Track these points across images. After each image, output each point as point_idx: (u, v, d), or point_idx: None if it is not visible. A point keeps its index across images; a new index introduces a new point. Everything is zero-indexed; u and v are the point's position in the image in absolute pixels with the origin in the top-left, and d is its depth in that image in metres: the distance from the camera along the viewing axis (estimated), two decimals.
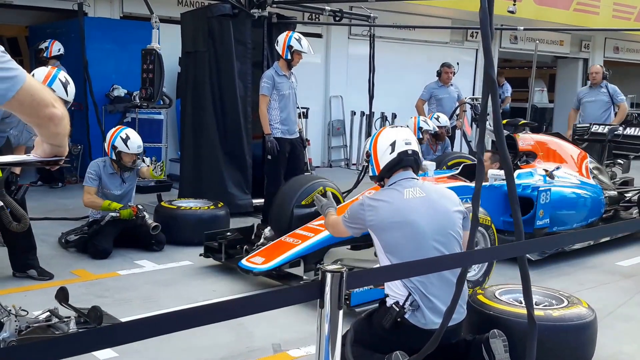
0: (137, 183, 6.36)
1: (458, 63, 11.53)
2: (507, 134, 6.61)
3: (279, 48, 6.87)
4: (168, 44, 7.65)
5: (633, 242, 6.67)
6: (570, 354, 3.48)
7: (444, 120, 8.19)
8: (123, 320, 3.76)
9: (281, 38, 6.88)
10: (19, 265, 5.02)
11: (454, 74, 9.68)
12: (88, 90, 8.27)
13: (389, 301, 3.29)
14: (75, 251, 5.80)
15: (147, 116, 9.21)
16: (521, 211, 5.74)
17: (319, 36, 11.86)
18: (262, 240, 5.36)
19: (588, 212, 6.38)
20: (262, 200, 7.11)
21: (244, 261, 4.91)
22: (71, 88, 4.71)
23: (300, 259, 4.85)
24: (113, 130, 5.96)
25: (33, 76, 3.17)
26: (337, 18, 8.47)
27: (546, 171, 6.19)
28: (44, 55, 8.33)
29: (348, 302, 4.14)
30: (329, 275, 1.87)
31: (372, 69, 8.70)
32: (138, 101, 8.42)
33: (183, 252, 5.78)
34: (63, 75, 4.71)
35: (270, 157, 6.91)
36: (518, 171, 6.04)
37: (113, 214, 5.74)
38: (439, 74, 9.53)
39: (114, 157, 5.85)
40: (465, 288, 3.30)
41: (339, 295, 1.88)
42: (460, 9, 11.81)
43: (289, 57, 6.81)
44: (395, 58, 12.25)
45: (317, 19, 11.19)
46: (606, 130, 8.07)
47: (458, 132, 9.91)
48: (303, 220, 5.27)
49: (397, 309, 3.20)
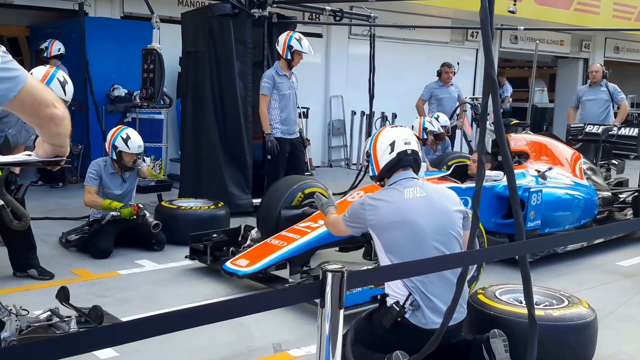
0: (138, 183, 6.36)
1: (458, 63, 11.53)
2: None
3: (280, 48, 6.89)
4: (168, 44, 7.64)
5: (633, 242, 6.67)
6: (570, 354, 3.48)
7: (444, 120, 8.20)
8: (124, 319, 3.77)
9: (282, 38, 6.89)
10: (20, 264, 5.03)
11: (454, 74, 9.68)
12: (89, 90, 8.26)
13: (389, 301, 3.29)
14: (75, 251, 5.81)
15: (148, 116, 9.21)
16: (510, 213, 5.68)
17: (319, 36, 11.86)
18: (249, 241, 5.26)
19: (581, 214, 6.26)
20: None
21: (228, 264, 4.81)
22: (69, 87, 4.68)
23: (286, 261, 4.76)
24: (114, 130, 5.97)
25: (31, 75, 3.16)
26: (338, 18, 8.47)
27: (538, 172, 6.08)
28: (45, 55, 8.34)
29: None
30: (330, 274, 1.88)
31: (373, 69, 8.70)
32: (138, 101, 8.43)
33: (183, 252, 5.76)
34: (61, 74, 4.69)
35: (270, 157, 6.92)
36: None
37: (114, 213, 5.75)
38: (439, 74, 9.53)
39: (115, 157, 5.85)
40: (465, 288, 3.30)
41: (340, 294, 1.88)
42: (460, 9, 11.81)
43: (289, 57, 6.82)
44: (395, 58, 12.24)
45: (318, 19, 11.19)
46: (600, 130, 8.00)
47: (458, 132, 9.92)
48: (291, 221, 5.19)
49: (398, 309, 3.21)
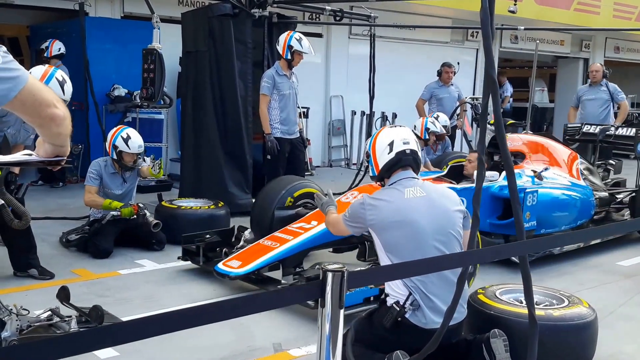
0: (138, 182, 6.36)
1: (458, 63, 11.53)
2: (494, 134, 6.50)
3: (280, 48, 6.89)
4: (169, 44, 7.64)
5: (633, 242, 6.66)
6: (570, 354, 3.48)
7: (444, 119, 8.20)
8: (124, 319, 3.77)
9: (282, 38, 6.89)
10: (20, 264, 5.03)
11: (455, 74, 9.68)
12: (89, 89, 8.27)
13: (390, 301, 3.29)
14: (76, 250, 5.81)
15: (148, 116, 9.21)
16: (507, 214, 5.66)
17: (320, 36, 11.86)
18: (242, 242, 5.23)
19: (577, 214, 6.21)
20: None
21: (220, 265, 4.76)
22: (68, 87, 4.66)
23: (279, 263, 4.72)
24: (114, 130, 5.97)
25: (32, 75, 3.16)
26: (338, 18, 8.47)
27: (534, 172, 6.01)
28: (45, 55, 8.34)
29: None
30: (330, 274, 1.87)
31: (373, 69, 8.70)
32: (139, 101, 8.43)
33: None
34: (60, 74, 4.66)
35: (269, 157, 6.91)
36: (505, 172, 5.80)
37: (114, 213, 5.75)
38: (440, 74, 9.53)
39: (115, 157, 5.86)
40: (465, 287, 3.30)
41: (340, 294, 1.88)
42: (460, 9, 11.81)
43: (289, 57, 6.82)
44: (395, 58, 12.24)
45: (318, 19, 11.19)
46: (597, 130, 7.96)
47: (458, 132, 9.91)
48: (284, 222, 5.14)
49: (398, 309, 3.21)
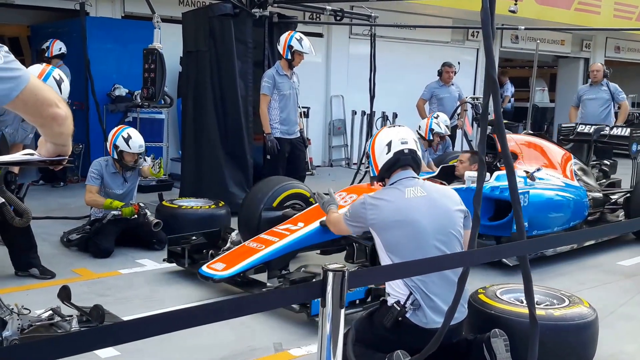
0: (139, 182, 6.37)
1: (459, 62, 11.53)
2: (487, 134, 6.43)
3: (280, 48, 6.89)
4: (169, 44, 7.65)
5: (634, 242, 6.66)
6: (571, 354, 3.48)
7: (444, 119, 8.19)
8: (125, 319, 3.78)
9: (283, 38, 6.90)
10: (21, 264, 5.03)
11: (455, 74, 9.68)
12: (90, 89, 8.27)
13: (390, 300, 3.29)
14: (76, 250, 5.81)
15: (149, 115, 9.21)
16: (498, 215, 5.63)
17: (320, 36, 11.86)
18: (229, 244, 5.12)
19: (570, 215, 6.13)
20: None
21: (204, 267, 4.64)
22: (65, 86, 4.62)
23: (264, 265, 4.62)
24: (115, 129, 5.98)
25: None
26: (338, 17, 8.46)
27: (526, 172, 5.92)
28: (46, 54, 8.35)
29: (309, 312, 4.00)
30: (331, 274, 1.88)
31: (373, 69, 8.70)
32: (139, 100, 8.45)
33: None
34: (57, 72, 4.64)
35: (269, 157, 6.91)
36: (496, 173, 5.70)
37: (115, 213, 5.76)
38: (440, 74, 9.53)
39: (116, 157, 5.86)
40: (466, 287, 3.30)
41: (341, 294, 1.88)
42: (461, 9, 11.80)
43: (290, 57, 6.82)
44: (396, 57, 12.23)
45: (318, 19, 11.18)
46: (592, 130, 7.93)
47: (459, 132, 9.91)
48: (272, 223, 5.04)
49: (399, 308, 3.21)
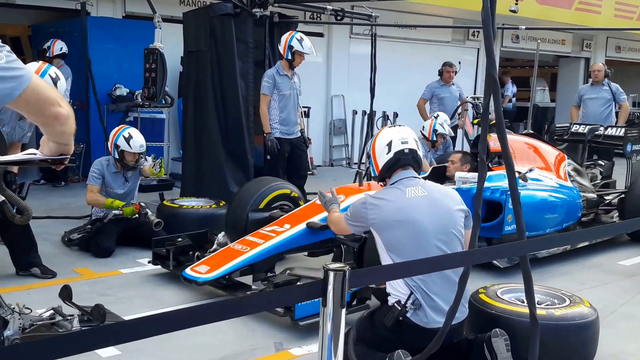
0: (140, 182, 6.37)
1: (460, 62, 11.53)
2: (478, 135, 6.37)
3: (281, 48, 6.88)
4: (170, 43, 7.64)
5: (634, 242, 6.66)
6: (572, 353, 3.49)
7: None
8: (126, 318, 3.78)
9: (283, 38, 6.89)
10: (22, 263, 5.04)
11: (456, 73, 9.67)
12: (91, 89, 8.27)
13: (391, 300, 3.30)
14: (77, 249, 5.82)
15: (149, 115, 9.22)
16: (489, 216, 5.60)
17: (321, 35, 11.86)
18: (215, 246, 5.04)
19: (564, 216, 6.06)
20: None
21: (188, 270, 4.59)
22: (61, 84, 4.61)
23: (249, 267, 4.57)
24: (116, 129, 5.99)
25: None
26: (339, 17, 8.45)
27: (519, 173, 5.78)
28: (47, 54, 8.35)
29: (292, 315, 3.97)
30: (332, 273, 1.88)
31: (374, 68, 8.69)
32: (140, 100, 8.45)
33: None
34: (53, 70, 4.62)
35: (269, 157, 6.91)
36: (488, 173, 5.58)
37: (116, 212, 5.77)
38: (441, 73, 9.52)
39: (117, 156, 5.87)
40: (467, 287, 3.30)
41: (342, 294, 1.88)
42: (461, 8, 11.80)
43: (290, 58, 6.81)
44: (396, 57, 12.23)
45: (319, 18, 11.17)
46: (586, 130, 7.91)
47: (459, 132, 9.91)
48: (259, 224, 4.99)
49: (399, 308, 3.21)
